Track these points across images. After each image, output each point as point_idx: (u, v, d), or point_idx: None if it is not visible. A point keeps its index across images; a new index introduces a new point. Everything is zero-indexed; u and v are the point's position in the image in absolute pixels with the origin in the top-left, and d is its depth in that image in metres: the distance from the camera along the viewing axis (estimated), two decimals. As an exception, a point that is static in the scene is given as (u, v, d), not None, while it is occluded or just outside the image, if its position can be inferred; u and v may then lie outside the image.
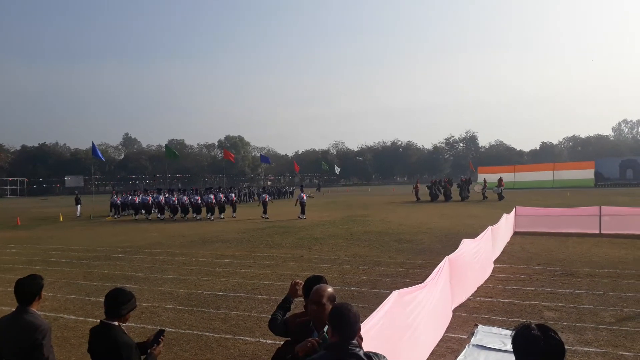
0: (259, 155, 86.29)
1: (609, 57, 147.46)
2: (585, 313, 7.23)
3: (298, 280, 3.57)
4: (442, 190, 36.56)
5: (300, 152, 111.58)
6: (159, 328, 3.82)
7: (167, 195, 29.65)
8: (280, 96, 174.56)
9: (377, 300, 4.56)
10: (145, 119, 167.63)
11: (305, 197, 25.08)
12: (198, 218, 27.13)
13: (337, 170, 70.41)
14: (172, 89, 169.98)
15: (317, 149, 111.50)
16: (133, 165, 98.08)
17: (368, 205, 33.65)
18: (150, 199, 29.66)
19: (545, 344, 1.62)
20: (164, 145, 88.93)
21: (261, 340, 6.44)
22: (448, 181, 38.34)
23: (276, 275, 10.66)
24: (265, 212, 25.97)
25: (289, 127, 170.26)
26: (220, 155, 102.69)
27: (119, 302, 3.14)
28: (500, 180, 36.39)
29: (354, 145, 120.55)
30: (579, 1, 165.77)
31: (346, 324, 2.33)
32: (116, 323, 3.14)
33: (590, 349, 5.75)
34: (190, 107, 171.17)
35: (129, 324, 5.44)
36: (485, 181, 38.29)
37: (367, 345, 2.88)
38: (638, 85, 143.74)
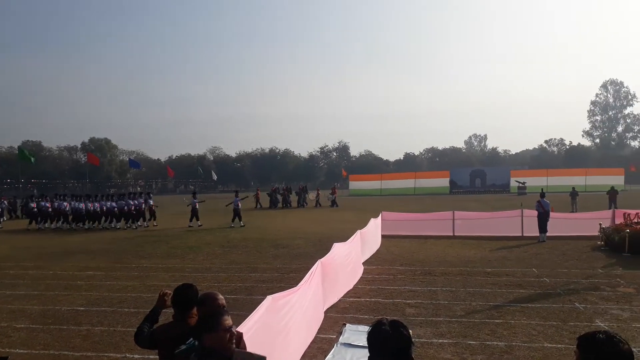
0: (127, 159, 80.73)
1: (458, 80, 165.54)
2: (440, 308, 8.01)
3: (167, 291, 3.46)
4: (281, 198, 38.29)
5: (174, 157, 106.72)
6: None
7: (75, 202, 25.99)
8: (153, 97, 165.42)
9: (252, 307, 4.58)
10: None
11: (240, 204, 24.11)
12: (118, 227, 24.38)
13: (214, 176, 68.85)
14: (27, 85, 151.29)
15: (192, 154, 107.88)
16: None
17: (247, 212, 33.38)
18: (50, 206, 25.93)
19: (395, 338, 1.80)
20: (16, 147, 78.88)
21: (128, 355, 6.07)
22: (287, 189, 41.31)
23: (145, 287, 10.11)
24: (195, 219, 23.88)
25: (163, 130, 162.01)
26: (83, 159, 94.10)
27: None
28: (333, 188, 39.85)
29: (232, 151, 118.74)
30: (429, 30, 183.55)
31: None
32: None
33: (444, 340, 6.40)
34: (49, 106, 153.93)
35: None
36: (318, 190, 40.93)
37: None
38: (483, 103, 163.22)
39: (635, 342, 6.17)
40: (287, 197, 38.50)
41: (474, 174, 64.84)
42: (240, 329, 3.73)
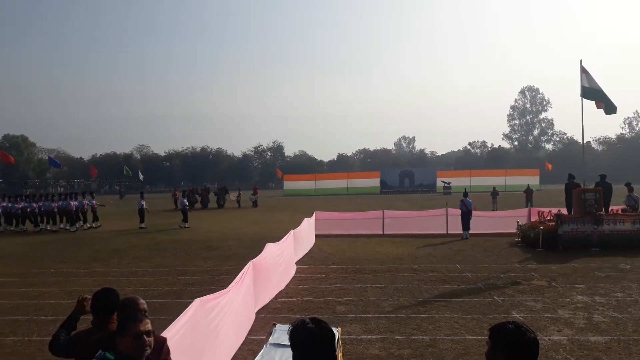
0: (47, 157, 75.54)
1: (389, 84, 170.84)
2: (369, 305, 8.21)
3: (86, 296, 3.28)
4: (200, 198, 37.51)
5: (98, 156, 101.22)
6: None
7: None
8: (73, 94, 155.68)
9: (180, 311, 4.45)
10: None
11: (188, 205, 23.27)
12: (73, 229, 22.48)
13: (141, 176, 66.18)
14: None
15: (118, 152, 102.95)
16: None
17: (170, 214, 32.38)
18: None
19: (317, 336, 1.82)
20: None
21: (44, 367, 5.69)
22: (205, 189, 40.29)
23: (65, 293, 9.53)
24: (143, 221, 23.04)
25: (85, 128, 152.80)
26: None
27: None
28: (255, 188, 40.06)
29: (160, 150, 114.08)
30: (363, 32, 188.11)
31: None
32: None
33: (372, 336, 6.57)
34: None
35: None
36: (239, 190, 40.62)
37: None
38: (412, 105, 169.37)
39: (547, 331, 6.67)
40: (206, 197, 37.52)
41: (403, 174, 67.10)
42: (166, 333, 3.62)
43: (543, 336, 6.40)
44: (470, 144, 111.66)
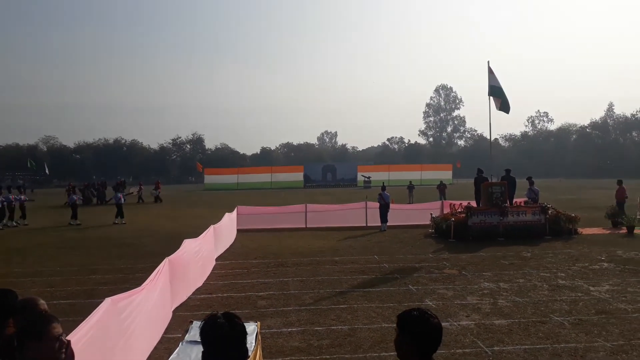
0: None
1: (312, 79, 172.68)
2: (290, 298, 8.27)
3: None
4: (96, 193, 36.05)
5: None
6: None
7: None
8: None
9: (91, 312, 4.19)
10: None
11: (122, 199, 21.82)
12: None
13: (47, 169, 61.54)
14: None
15: (21, 144, 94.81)
16: None
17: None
18: None
19: (228, 330, 1.80)
20: None
21: None
22: (102, 184, 38.63)
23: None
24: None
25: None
26: None
27: None
28: (157, 183, 38.90)
29: (70, 141, 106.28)
30: (286, 27, 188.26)
31: None
32: None
33: (293, 329, 6.62)
34: None
35: None
36: (140, 184, 39.37)
37: (77, 358, 2.63)
38: (335, 101, 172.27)
39: (457, 316, 7.09)
40: (103, 192, 35.63)
41: (325, 168, 68.10)
42: (73, 335, 3.41)
43: (453, 322, 6.80)
44: (389, 139, 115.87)
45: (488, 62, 16.57)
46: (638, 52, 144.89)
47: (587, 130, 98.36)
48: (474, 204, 16.57)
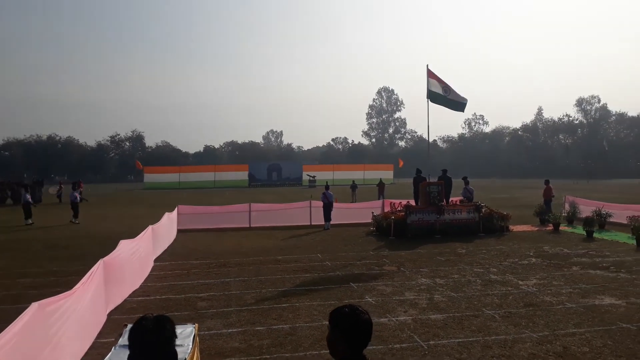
0: None
1: (257, 77, 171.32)
2: (232, 298, 8.18)
3: None
4: (10, 193, 34.12)
5: None
6: None
7: None
8: None
9: (17, 317, 3.96)
10: None
11: (78, 198, 20.79)
12: None
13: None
14: None
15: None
16: None
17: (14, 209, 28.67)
18: None
19: (155, 333, 1.77)
20: None
21: None
22: (17, 183, 36.62)
23: None
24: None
25: None
26: None
27: None
28: (79, 182, 37.23)
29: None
30: (231, 25, 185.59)
31: None
32: None
33: (233, 330, 6.56)
34: None
35: None
36: (60, 183, 37.92)
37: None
38: (280, 100, 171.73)
39: (395, 312, 7.29)
40: (19, 191, 32.97)
41: (271, 168, 67.72)
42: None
43: (391, 317, 6.99)
44: (333, 140, 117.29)
45: (427, 65, 17.01)
46: (565, 60, 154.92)
47: (519, 132, 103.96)
48: (412, 202, 17.08)
